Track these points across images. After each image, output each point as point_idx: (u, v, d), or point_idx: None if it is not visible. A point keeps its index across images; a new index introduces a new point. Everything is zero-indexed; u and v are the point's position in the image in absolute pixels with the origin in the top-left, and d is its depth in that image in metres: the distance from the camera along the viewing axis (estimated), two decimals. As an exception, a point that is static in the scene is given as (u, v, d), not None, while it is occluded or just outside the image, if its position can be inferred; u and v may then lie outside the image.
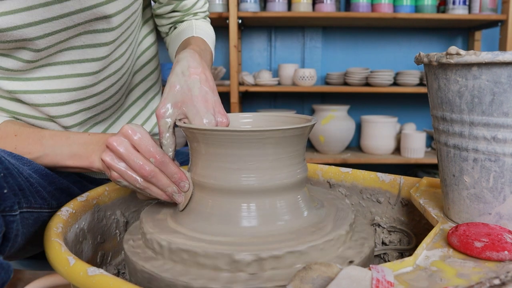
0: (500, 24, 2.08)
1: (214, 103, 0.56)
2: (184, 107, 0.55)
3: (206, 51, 0.78)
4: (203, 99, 0.55)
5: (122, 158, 0.53)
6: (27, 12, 0.59)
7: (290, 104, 2.46)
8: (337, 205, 0.57)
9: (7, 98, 0.69)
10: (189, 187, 0.54)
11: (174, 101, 0.55)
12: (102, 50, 0.69)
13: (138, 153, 0.53)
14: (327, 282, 0.35)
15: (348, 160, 2.12)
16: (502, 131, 0.46)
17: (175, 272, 0.44)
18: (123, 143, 0.52)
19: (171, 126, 0.55)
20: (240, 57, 2.37)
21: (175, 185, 0.53)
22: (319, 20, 2.16)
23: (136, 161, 0.52)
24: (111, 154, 0.53)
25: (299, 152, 0.53)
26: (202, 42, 0.80)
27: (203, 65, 0.59)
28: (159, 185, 0.53)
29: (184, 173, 0.54)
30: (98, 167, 0.59)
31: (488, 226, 0.46)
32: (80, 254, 0.56)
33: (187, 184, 0.54)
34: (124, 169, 0.53)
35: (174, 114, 0.55)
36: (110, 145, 0.53)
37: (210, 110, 0.55)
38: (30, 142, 0.62)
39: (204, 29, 0.86)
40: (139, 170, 0.52)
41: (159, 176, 0.53)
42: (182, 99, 0.55)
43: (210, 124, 0.54)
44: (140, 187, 0.53)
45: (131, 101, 0.85)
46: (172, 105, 0.55)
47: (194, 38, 0.80)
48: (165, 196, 0.54)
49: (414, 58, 0.53)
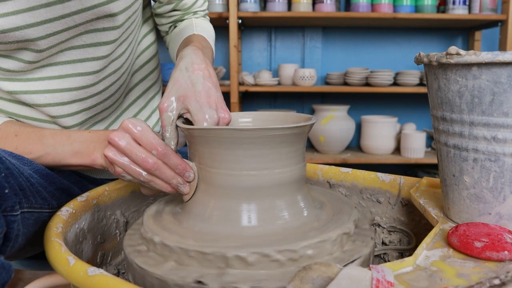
0: (500, 24, 2.08)
1: (217, 99, 0.56)
2: (187, 101, 0.55)
3: (208, 48, 0.78)
4: (206, 95, 0.55)
5: (124, 153, 0.53)
6: (29, 13, 0.59)
7: (290, 104, 2.46)
8: (338, 205, 0.57)
9: (7, 99, 0.69)
10: (194, 176, 0.53)
11: (177, 95, 0.55)
12: (104, 49, 0.69)
13: (140, 147, 0.53)
14: (327, 282, 0.35)
15: (348, 160, 2.12)
16: (502, 131, 0.46)
17: (175, 272, 0.44)
18: (124, 138, 0.52)
19: (174, 120, 0.55)
20: (240, 57, 2.37)
21: (179, 176, 0.53)
22: (319, 20, 2.16)
23: (139, 154, 0.52)
24: (113, 150, 0.53)
25: (299, 151, 0.53)
26: (203, 40, 0.80)
27: (206, 62, 0.60)
28: (163, 178, 0.53)
29: (188, 163, 0.54)
30: (101, 164, 0.59)
31: (488, 226, 0.46)
32: (80, 254, 0.56)
33: (192, 173, 0.53)
34: (127, 163, 0.53)
35: (177, 108, 0.55)
36: (111, 140, 0.53)
37: (212, 106, 0.55)
38: (30, 142, 0.62)
39: (204, 27, 0.86)
40: (142, 163, 0.52)
41: (162, 168, 0.53)
42: (185, 94, 0.55)
43: (212, 119, 0.54)
44: (144, 181, 0.53)
45: (131, 100, 0.85)
46: (176, 99, 0.55)
47: (195, 36, 0.81)
48: (170, 188, 0.54)
49: (414, 58, 0.53)
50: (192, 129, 0.51)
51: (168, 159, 0.53)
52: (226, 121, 0.56)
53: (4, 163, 0.48)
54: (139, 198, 0.71)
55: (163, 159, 0.53)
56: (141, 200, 0.71)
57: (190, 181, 0.54)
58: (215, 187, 0.51)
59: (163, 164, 0.53)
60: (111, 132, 0.54)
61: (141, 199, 0.71)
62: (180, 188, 0.54)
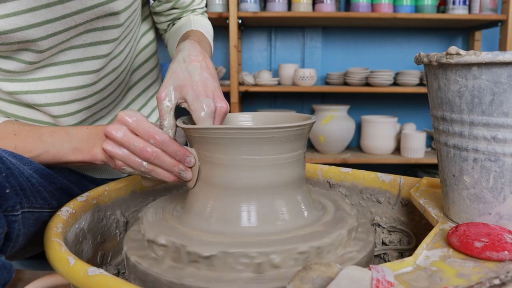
0: (500, 24, 2.08)
1: (214, 88, 0.57)
2: (184, 91, 0.55)
3: (205, 42, 0.79)
4: (203, 84, 0.56)
5: (122, 144, 0.53)
6: (30, 14, 0.59)
7: (290, 104, 2.46)
8: (338, 206, 0.57)
9: (7, 100, 0.69)
10: (195, 161, 0.53)
11: (175, 85, 0.55)
12: (104, 47, 0.69)
13: (137, 137, 0.53)
14: (327, 282, 0.35)
15: (348, 160, 2.12)
16: (502, 131, 0.46)
17: (175, 272, 0.44)
18: (120, 129, 0.52)
19: (172, 109, 0.55)
20: (240, 57, 2.37)
21: (180, 163, 0.53)
22: (319, 20, 2.16)
23: (137, 144, 0.52)
24: (111, 143, 0.53)
25: (299, 151, 0.53)
26: (201, 34, 0.81)
27: (204, 54, 0.60)
28: (164, 166, 0.53)
29: (187, 149, 0.53)
30: (101, 159, 0.59)
31: (488, 226, 0.46)
32: (80, 254, 0.56)
33: (193, 158, 0.53)
34: (126, 155, 0.53)
35: (175, 97, 0.55)
36: (108, 133, 0.53)
37: (209, 95, 0.55)
38: (29, 141, 0.62)
39: (202, 23, 0.87)
40: (140, 153, 0.52)
41: (162, 156, 0.53)
42: (183, 84, 0.55)
43: (209, 108, 0.54)
44: (145, 171, 0.53)
45: (131, 98, 0.85)
46: (173, 89, 0.55)
47: (192, 31, 0.82)
48: (173, 176, 0.54)
49: (414, 58, 0.53)
50: (192, 128, 0.51)
51: (167, 147, 0.53)
52: (223, 110, 0.56)
53: (5, 163, 0.48)
54: (139, 198, 0.71)
55: (161, 147, 0.53)
56: (141, 200, 0.71)
57: (191, 166, 0.54)
58: (215, 186, 0.51)
59: (162, 152, 0.53)
60: (108, 125, 0.54)
61: (141, 199, 0.71)
62: (183, 175, 0.53)
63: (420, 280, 0.38)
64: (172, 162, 0.53)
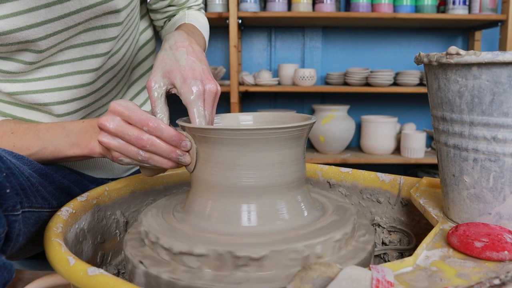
0: (500, 24, 2.08)
1: (202, 70, 0.57)
2: (172, 76, 0.55)
3: (196, 33, 0.80)
4: (190, 68, 0.56)
5: (116, 135, 0.53)
6: (29, 14, 0.59)
7: (290, 104, 2.46)
8: (338, 206, 0.57)
9: (6, 101, 0.69)
10: (191, 144, 0.53)
11: (163, 72, 0.56)
12: (103, 46, 0.69)
13: (131, 126, 0.53)
14: (327, 282, 0.35)
15: (348, 160, 2.12)
16: (502, 131, 0.46)
17: (175, 272, 0.44)
18: (114, 120, 0.53)
19: (162, 95, 0.55)
20: (240, 57, 2.37)
21: (177, 148, 0.53)
22: (319, 20, 2.16)
23: (131, 133, 0.52)
24: (106, 134, 0.53)
25: (299, 151, 0.53)
26: (191, 26, 0.82)
27: (190, 40, 0.61)
28: (160, 153, 0.53)
29: (182, 133, 0.53)
30: (99, 152, 0.59)
31: (488, 226, 0.46)
32: (80, 254, 0.56)
33: (188, 142, 0.53)
34: (122, 145, 0.53)
35: (164, 83, 0.56)
36: (102, 125, 0.53)
37: (197, 77, 0.55)
38: (27, 138, 0.62)
39: (196, 17, 0.88)
40: (136, 141, 0.52)
41: (157, 143, 0.53)
42: (170, 69, 0.56)
43: (198, 91, 0.54)
44: (142, 160, 0.53)
45: (131, 96, 0.86)
46: (162, 76, 0.56)
47: (184, 24, 0.83)
48: (171, 163, 0.54)
49: (414, 58, 0.53)
50: (192, 128, 0.51)
51: (161, 133, 0.52)
52: (213, 91, 0.56)
53: (5, 162, 0.48)
54: (139, 198, 0.71)
55: (156, 133, 0.52)
56: (141, 200, 0.71)
57: (188, 150, 0.53)
58: (215, 186, 0.51)
59: (157, 139, 0.53)
60: (101, 117, 0.54)
61: (141, 199, 0.71)
62: (181, 160, 0.53)
63: (420, 280, 0.38)
64: (169, 148, 0.53)
